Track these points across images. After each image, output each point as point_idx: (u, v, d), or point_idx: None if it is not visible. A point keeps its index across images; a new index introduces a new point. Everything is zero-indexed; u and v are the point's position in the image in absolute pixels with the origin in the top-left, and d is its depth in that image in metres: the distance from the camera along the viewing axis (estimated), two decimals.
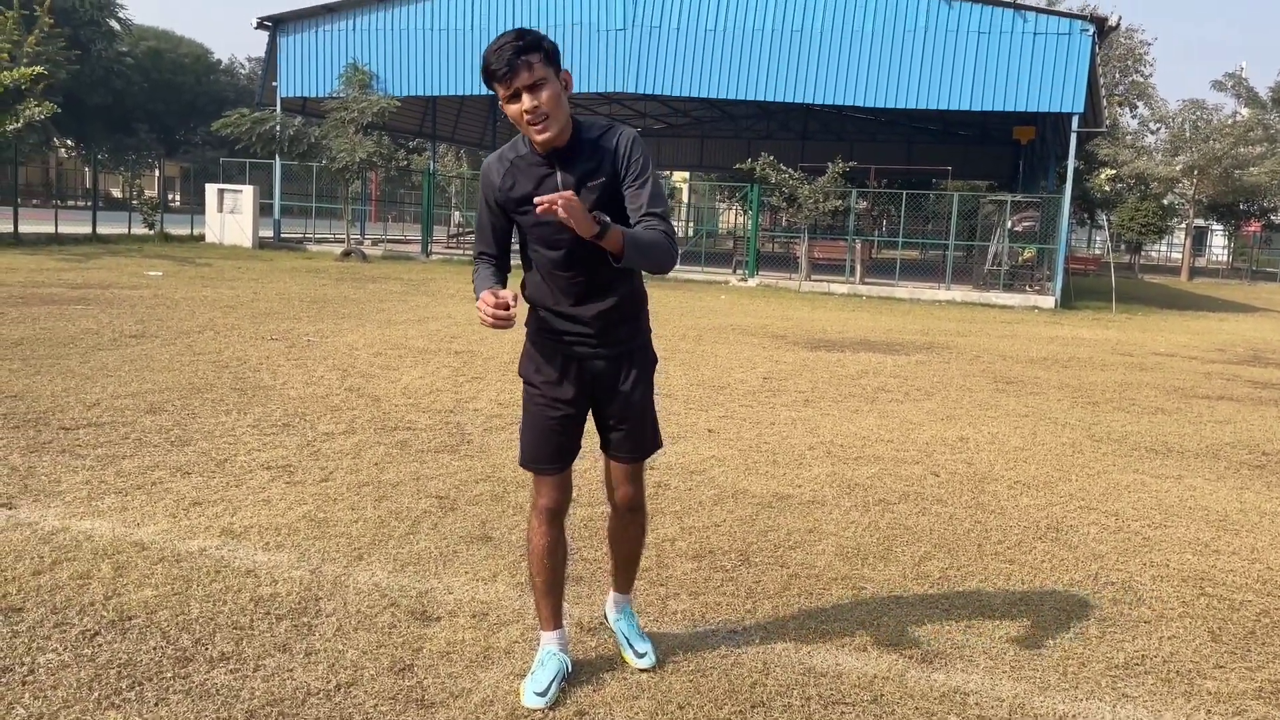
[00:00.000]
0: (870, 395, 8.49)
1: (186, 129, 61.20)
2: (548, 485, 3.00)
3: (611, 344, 2.93)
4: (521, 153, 2.83)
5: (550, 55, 2.67)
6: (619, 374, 2.97)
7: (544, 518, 3.00)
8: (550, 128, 2.67)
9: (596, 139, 2.79)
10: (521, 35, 2.64)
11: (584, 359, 2.94)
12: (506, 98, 2.67)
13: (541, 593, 3.05)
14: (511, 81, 2.63)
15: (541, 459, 2.98)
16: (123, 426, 5.83)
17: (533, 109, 2.64)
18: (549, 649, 3.03)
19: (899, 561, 4.33)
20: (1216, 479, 6.18)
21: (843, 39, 21.99)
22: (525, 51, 2.61)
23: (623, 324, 2.95)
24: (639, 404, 3.01)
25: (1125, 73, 49.86)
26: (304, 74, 26.48)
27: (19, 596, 3.38)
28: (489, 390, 7.65)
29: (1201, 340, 15.50)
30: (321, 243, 27.81)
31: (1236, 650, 3.62)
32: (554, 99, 2.66)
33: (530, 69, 2.62)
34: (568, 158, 2.77)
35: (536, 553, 3.01)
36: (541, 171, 2.79)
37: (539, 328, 2.98)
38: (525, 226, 2.86)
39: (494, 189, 2.86)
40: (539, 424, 2.97)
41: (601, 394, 2.99)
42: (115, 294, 12.77)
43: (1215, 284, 40.49)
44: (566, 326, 2.90)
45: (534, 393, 2.99)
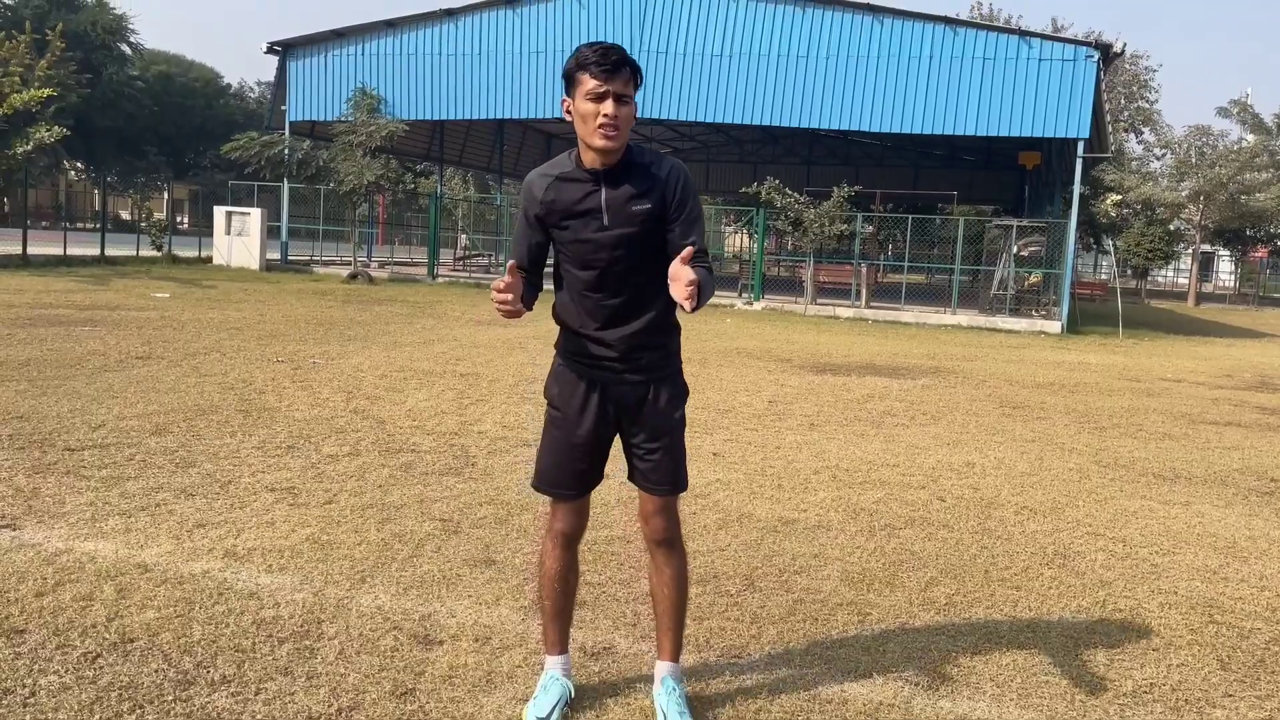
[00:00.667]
0: (876, 420, 8.47)
1: (196, 152, 61.70)
2: (564, 511, 2.96)
3: (637, 370, 2.87)
4: (567, 169, 2.81)
5: (639, 83, 2.72)
6: (645, 400, 2.90)
7: (558, 542, 2.97)
8: (616, 140, 2.68)
9: (647, 165, 2.79)
10: (622, 50, 2.68)
11: (608, 384, 2.89)
12: (590, 95, 2.65)
13: (550, 616, 3.02)
14: (608, 81, 2.63)
15: (559, 484, 2.94)
16: (128, 448, 5.84)
17: (613, 117, 2.65)
18: (552, 673, 3.00)
19: (905, 587, 4.30)
20: (1225, 505, 6.14)
21: (848, 65, 22.11)
22: (630, 65, 2.67)
23: (649, 350, 2.88)
24: (668, 432, 2.92)
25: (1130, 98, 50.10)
26: (312, 98, 26.69)
27: (21, 618, 3.37)
28: (494, 413, 7.65)
29: (1209, 366, 15.46)
30: (328, 265, 27.92)
31: (1246, 679, 3.58)
32: (629, 118, 2.69)
33: (626, 81, 2.66)
34: (614, 177, 2.76)
35: (548, 577, 2.98)
36: (587, 188, 2.78)
37: (567, 349, 2.95)
38: (562, 242, 2.83)
39: (535, 201, 2.83)
40: (559, 449, 2.93)
41: (627, 420, 2.93)
42: (122, 315, 12.81)
43: (1222, 309, 40.42)
44: (593, 350, 2.86)
45: (556, 416, 2.95)
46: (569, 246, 2.82)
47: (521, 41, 24.58)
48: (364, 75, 25.87)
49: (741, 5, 22.72)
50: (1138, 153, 50.37)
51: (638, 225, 2.76)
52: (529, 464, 5.99)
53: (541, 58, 24.45)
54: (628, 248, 2.77)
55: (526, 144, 38.57)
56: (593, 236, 2.76)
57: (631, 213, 2.75)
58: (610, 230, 2.76)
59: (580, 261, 2.81)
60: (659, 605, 3.04)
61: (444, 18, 25.22)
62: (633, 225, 2.75)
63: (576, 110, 2.70)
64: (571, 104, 2.72)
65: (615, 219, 2.76)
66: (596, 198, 2.76)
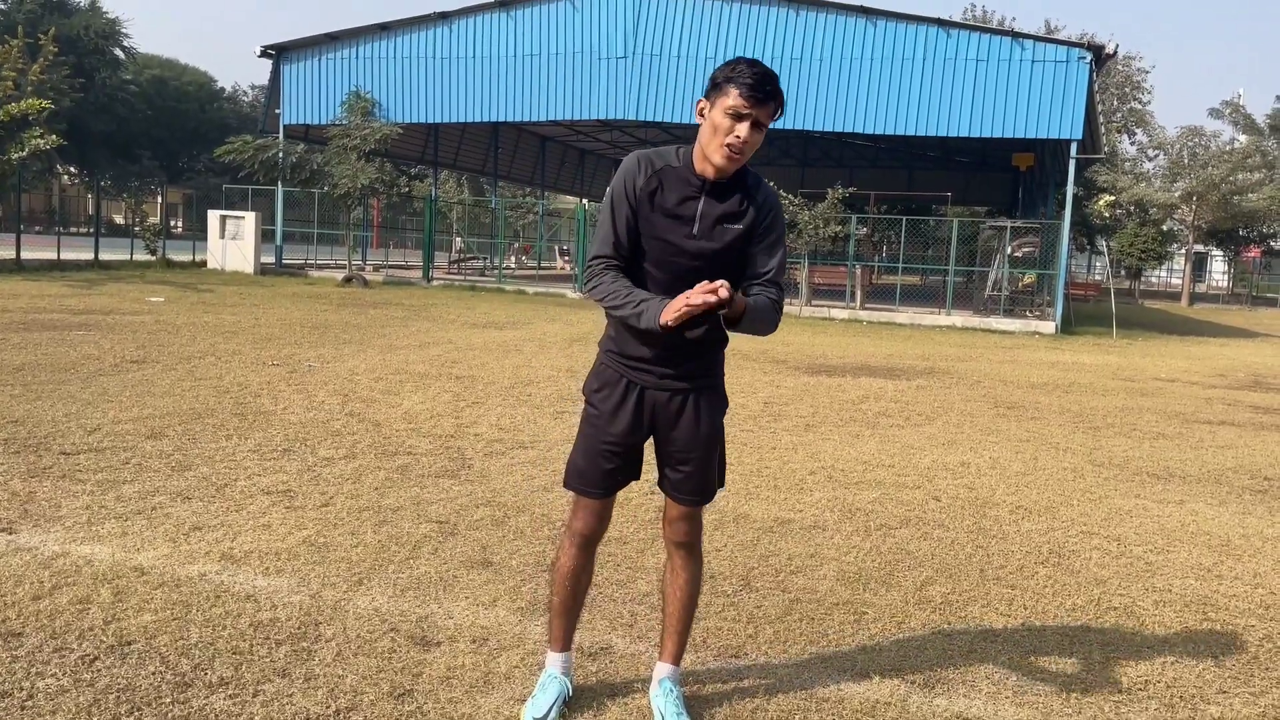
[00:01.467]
0: (871, 420, 8.48)
1: (189, 156, 61.59)
2: (585, 510, 2.93)
3: (679, 377, 2.84)
4: (673, 164, 2.78)
5: (779, 115, 2.69)
6: (683, 411, 2.86)
7: (576, 542, 2.95)
8: (736, 164, 2.69)
9: (749, 188, 2.79)
10: (776, 80, 2.64)
11: (647, 388, 2.86)
12: (730, 112, 2.62)
13: (557, 612, 3.01)
14: (754, 106, 2.60)
15: (586, 482, 2.91)
16: (123, 451, 5.83)
17: (744, 142, 2.63)
18: (551, 671, 3.01)
19: (900, 587, 4.31)
20: (1219, 504, 6.17)
21: (842, 67, 22.16)
22: (776, 96, 2.63)
23: (695, 358, 2.85)
24: (703, 445, 2.89)
25: (1123, 99, 50.25)
26: (307, 101, 26.68)
27: (18, 621, 3.37)
28: (489, 415, 7.65)
29: (1202, 366, 15.51)
30: (323, 269, 27.90)
31: (1240, 675, 3.60)
32: (756, 145, 2.67)
33: (770, 112, 2.64)
34: (718, 191, 2.75)
35: (561, 574, 2.97)
36: (688, 192, 2.75)
37: (610, 349, 2.92)
38: (645, 233, 2.77)
39: (634, 182, 2.76)
40: (591, 447, 2.90)
41: (662, 429, 2.90)
42: (117, 320, 12.80)
43: (1216, 309, 40.54)
44: (637, 350, 2.83)
45: (592, 414, 2.93)
46: (648, 241, 2.77)
47: (516, 44, 24.60)
48: (358, 79, 25.88)
49: (734, 8, 22.76)
50: (1131, 154, 50.51)
51: (722, 243, 2.75)
52: (526, 466, 6.03)
53: (535, 61, 24.47)
54: (706, 261, 2.74)
55: (521, 146, 38.58)
56: (677, 241, 2.74)
57: (722, 230, 2.74)
58: (696, 240, 2.74)
59: (654, 259, 2.78)
60: (669, 606, 3.03)
61: (438, 21, 25.23)
62: (718, 242, 2.74)
63: (711, 118, 2.67)
64: (708, 109, 2.69)
65: (704, 231, 2.74)
66: (694, 206, 2.74)
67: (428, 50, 25.46)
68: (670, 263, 2.76)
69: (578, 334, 14.72)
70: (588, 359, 11.64)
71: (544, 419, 7.65)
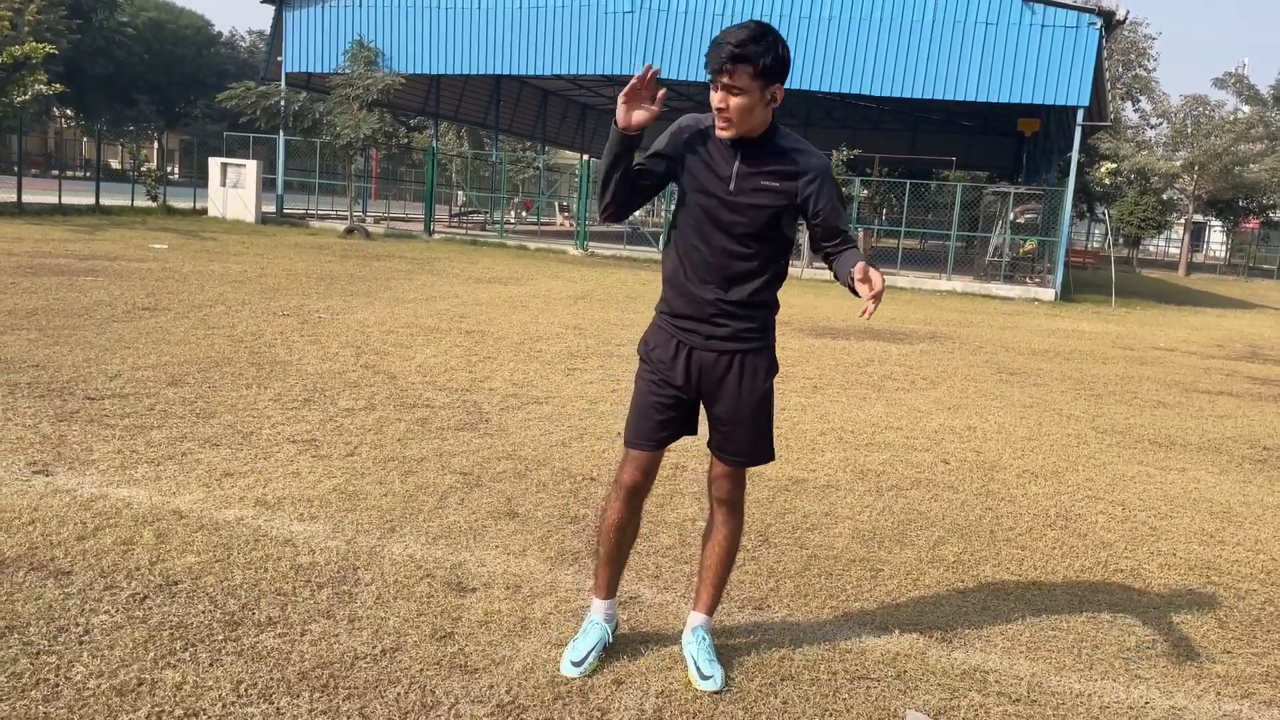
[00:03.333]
0: (877, 383, 8.59)
1: (186, 101, 60.93)
2: (632, 463, 3.01)
3: (725, 338, 2.94)
4: (715, 133, 2.89)
5: (762, 70, 2.70)
6: (729, 372, 2.96)
7: (622, 495, 3.03)
8: (729, 130, 2.79)
9: (788, 150, 2.88)
10: (747, 41, 2.68)
11: (695, 348, 2.95)
12: (713, 86, 2.75)
13: (603, 561, 3.12)
14: (718, 74, 2.71)
15: (634, 434, 3.01)
16: (146, 398, 5.91)
17: (723, 109, 2.75)
18: (594, 618, 3.13)
19: (914, 545, 4.44)
20: (1220, 472, 6.31)
21: (850, 27, 22.00)
22: (737, 60, 2.68)
23: (742, 320, 2.95)
24: (750, 408, 2.99)
25: (1128, 66, 49.90)
26: (309, 50, 26.42)
27: (66, 560, 3.47)
28: (502, 370, 7.74)
29: (1200, 336, 15.64)
30: (324, 219, 27.80)
31: (1243, 637, 3.74)
32: (743, 108, 2.74)
33: (733, 75, 2.70)
34: (751, 152, 2.86)
35: (608, 526, 3.07)
36: (726, 154, 2.87)
37: (663, 310, 3.03)
38: (687, 192, 2.91)
39: (680, 138, 2.91)
40: (642, 400, 3.01)
41: (708, 389, 2.99)
42: (123, 266, 12.81)
43: (1213, 280, 40.65)
44: (687, 309, 2.95)
45: (645, 369, 3.03)
46: (692, 198, 2.90)
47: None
48: (361, 27, 25.62)
49: None
50: (1134, 121, 50.30)
51: (758, 203, 2.85)
52: (542, 421, 6.14)
53: (541, 13, 24.24)
54: (745, 216, 2.86)
55: (523, 100, 38.30)
56: (718, 196, 2.86)
57: (759, 187, 2.84)
58: (734, 197, 2.85)
59: (698, 217, 2.90)
60: (707, 559, 3.14)
61: None
62: (755, 199, 2.85)
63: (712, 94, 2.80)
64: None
65: (741, 189, 2.85)
66: (730, 166, 2.86)
67: (433, 0, 25.18)
68: (712, 219, 2.88)
69: (581, 291, 14.77)
70: (593, 317, 11.72)
71: (556, 375, 7.74)
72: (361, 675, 2.87)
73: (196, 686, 2.73)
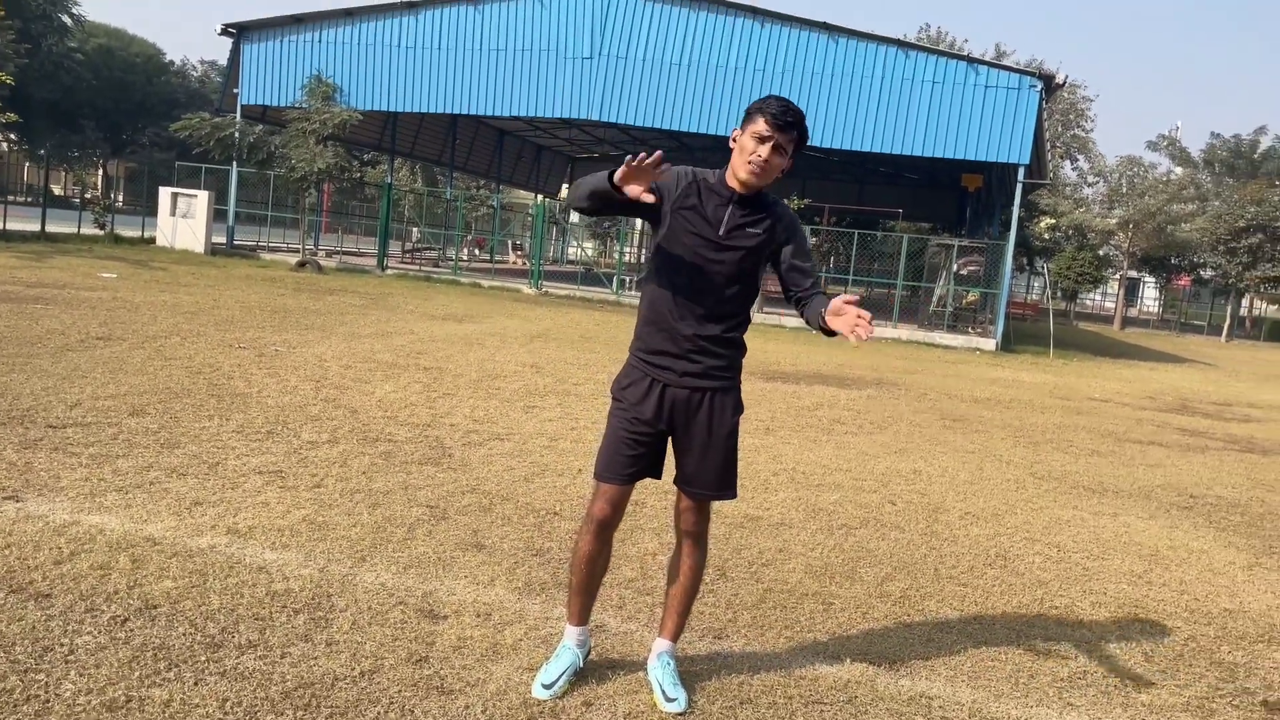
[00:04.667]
0: (826, 427, 8.87)
1: (134, 128, 60.25)
2: (602, 496, 3.17)
3: (698, 374, 3.15)
4: (711, 181, 3.19)
5: (801, 143, 3.12)
6: (699, 410, 3.17)
7: (593, 528, 3.17)
8: (760, 180, 3.11)
9: (769, 204, 3.22)
10: (803, 116, 3.11)
11: (668, 385, 3.15)
12: (757, 135, 3.06)
13: (575, 590, 3.28)
14: (777, 131, 3.05)
15: (606, 468, 3.17)
16: (109, 427, 5.95)
17: (765, 162, 3.07)
18: (566, 643, 3.28)
19: (863, 581, 4.66)
20: (1149, 517, 6.64)
21: (803, 80, 22.65)
22: (798, 126, 3.08)
23: (714, 356, 3.17)
24: (718, 445, 3.19)
25: (1067, 126, 51.74)
26: (267, 83, 26.45)
27: (45, 584, 3.54)
28: (462, 406, 7.87)
29: (1133, 388, 16.24)
30: (275, 251, 27.66)
31: (1167, 670, 4.00)
32: (777, 168, 3.11)
33: (790, 138, 3.08)
34: (744, 202, 3.16)
35: (580, 557, 3.22)
36: (721, 199, 3.16)
37: (638, 348, 3.23)
38: (676, 232, 3.15)
39: (673, 185, 3.17)
40: (614, 436, 3.18)
41: (679, 425, 3.18)
42: (73, 294, 12.71)
43: (1146, 334, 42.02)
44: (664, 345, 3.16)
45: (617, 406, 3.22)
46: (681, 238, 3.14)
47: (482, 38, 24.70)
48: (320, 63, 25.73)
49: (702, 16, 23.13)
50: (1072, 179, 52.08)
51: (743, 245, 3.14)
52: (504, 457, 6.29)
53: (501, 55, 24.59)
54: (729, 257, 3.13)
55: (479, 139, 38.56)
56: (705, 237, 3.13)
57: (745, 233, 3.15)
58: (721, 239, 3.13)
59: (684, 256, 3.14)
60: (672, 588, 3.33)
61: (405, 10, 25.22)
62: (740, 243, 3.14)
63: (740, 142, 3.12)
64: (740, 135, 3.13)
65: (729, 232, 3.14)
66: (723, 210, 3.15)
67: (393, 39, 25.43)
68: (697, 258, 3.13)
69: (537, 330, 14.94)
70: (550, 355, 11.89)
71: (515, 412, 7.89)
72: (342, 695, 2.99)
73: (184, 704, 2.83)
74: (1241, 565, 5.68)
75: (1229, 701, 3.74)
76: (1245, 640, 4.43)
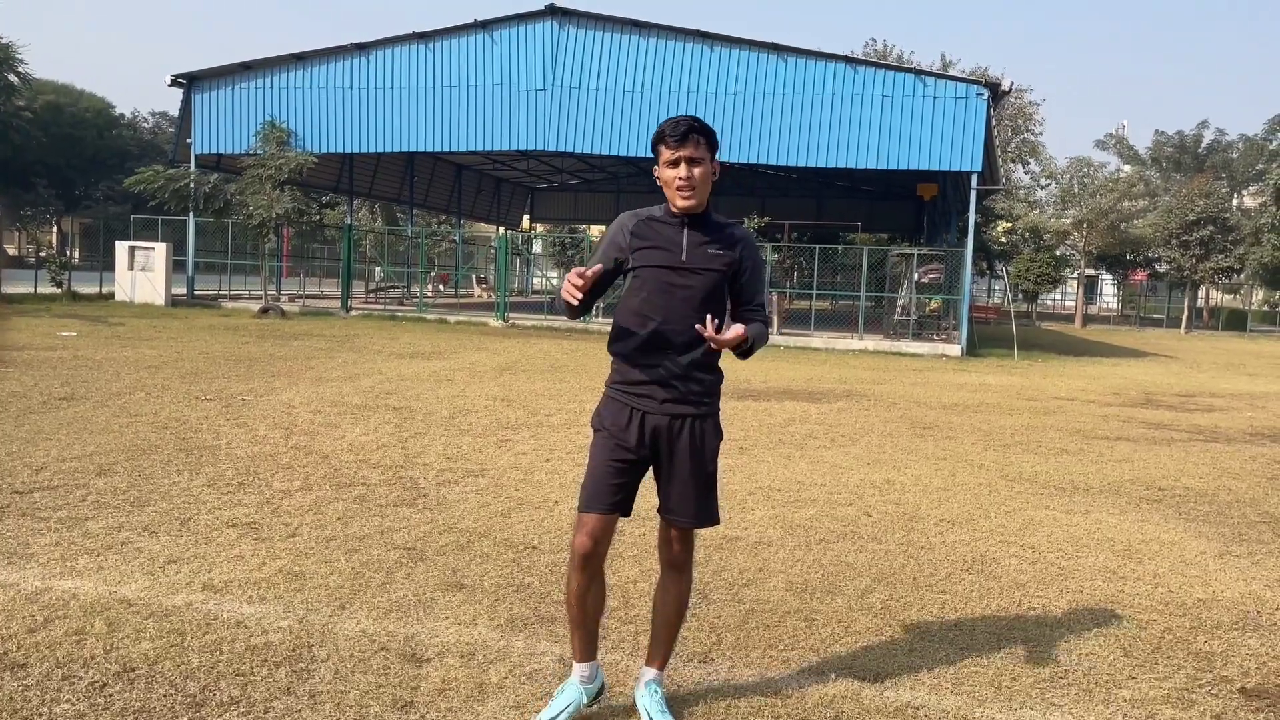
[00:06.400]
0: (799, 442, 8.92)
1: (87, 184, 59.72)
2: (583, 528, 3.14)
3: (677, 401, 3.16)
4: (657, 215, 3.23)
5: (712, 144, 3.15)
6: (680, 437, 3.17)
7: (577, 562, 3.15)
8: (693, 198, 3.12)
9: (724, 225, 3.25)
10: (698, 120, 3.12)
11: (649, 413, 3.16)
12: (668, 162, 3.11)
13: (573, 625, 3.25)
14: (679, 149, 3.07)
15: (589, 497, 3.15)
16: (77, 489, 5.88)
17: (686, 178, 3.08)
18: (570, 681, 3.27)
19: (844, 595, 4.69)
20: (1120, 513, 6.74)
21: (755, 101, 22.91)
22: (699, 131, 3.10)
23: (692, 383, 3.17)
24: (700, 471, 3.21)
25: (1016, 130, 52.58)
26: (219, 131, 26.35)
27: (20, 654, 3.49)
28: (435, 445, 7.84)
29: (1098, 385, 16.47)
30: (237, 299, 27.46)
31: (1145, 663, 4.06)
32: (703, 176, 3.12)
33: (696, 145, 3.09)
34: (696, 226, 3.18)
35: (572, 593, 3.19)
36: (672, 227, 3.18)
37: (616, 381, 3.24)
38: (639, 268, 3.17)
39: (625, 232, 3.20)
40: (597, 466, 3.17)
41: (662, 453, 3.19)
42: (33, 355, 12.55)
43: (1107, 330, 42.65)
44: (641, 375, 3.16)
45: (600, 438, 3.21)
46: (645, 273, 3.17)
47: (434, 76, 24.77)
48: (272, 108, 25.68)
49: (651, 44, 23.37)
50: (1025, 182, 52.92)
51: (709, 267, 3.16)
52: (479, 494, 6.27)
53: (455, 91, 24.67)
54: (696, 281, 3.15)
55: (437, 175, 38.60)
56: (669, 264, 3.15)
57: (708, 255, 3.17)
58: (686, 264, 3.15)
59: (652, 288, 3.15)
60: (658, 618, 3.34)
61: (355, 52, 25.25)
62: (705, 266, 3.16)
63: (661, 176, 3.17)
64: (658, 170, 3.17)
65: (691, 257, 3.16)
66: (679, 235, 3.18)
67: (345, 81, 25.44)
68: (664, 284, 3.14)
69: (506, 363, 14.93)
70: (521, 388, 11.88)
71: (488, 448, 7.88)
72: None
73: None
74: (1212, 555, 5.78)
75: (1208, 691, 3.80)
76: (1220, 629, 4.50)
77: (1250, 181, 58.26)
